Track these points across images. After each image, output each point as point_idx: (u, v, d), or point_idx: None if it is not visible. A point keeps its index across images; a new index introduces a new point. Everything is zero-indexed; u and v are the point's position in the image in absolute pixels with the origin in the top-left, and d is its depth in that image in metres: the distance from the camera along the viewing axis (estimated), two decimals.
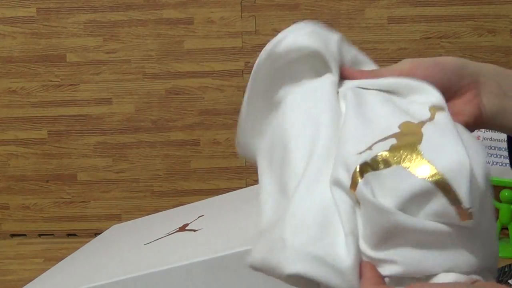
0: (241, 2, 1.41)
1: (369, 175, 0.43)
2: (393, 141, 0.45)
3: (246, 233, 0.80)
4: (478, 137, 1.32)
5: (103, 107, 1.46)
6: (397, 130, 0.46)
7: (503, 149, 1.30)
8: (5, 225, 1.51)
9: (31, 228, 1.51)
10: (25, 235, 1.51)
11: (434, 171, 0.41)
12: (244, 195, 1.08)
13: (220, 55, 1.43)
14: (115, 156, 1.48)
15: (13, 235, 1.51)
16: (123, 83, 1.45)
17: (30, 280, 1.05)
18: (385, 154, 0.43)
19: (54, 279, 0.99)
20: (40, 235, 1.51)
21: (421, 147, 0.43)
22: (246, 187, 1.41)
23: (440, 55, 0.54)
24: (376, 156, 0.43)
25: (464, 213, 0.41)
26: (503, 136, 1.21)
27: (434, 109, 0.47)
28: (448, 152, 0.42)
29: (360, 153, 0.44)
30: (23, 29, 1.42)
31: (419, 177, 0.42)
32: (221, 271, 0.77)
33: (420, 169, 0.42)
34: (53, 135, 1.47)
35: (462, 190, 0.41)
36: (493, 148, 1.31)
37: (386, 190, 0.42)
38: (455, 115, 0.49)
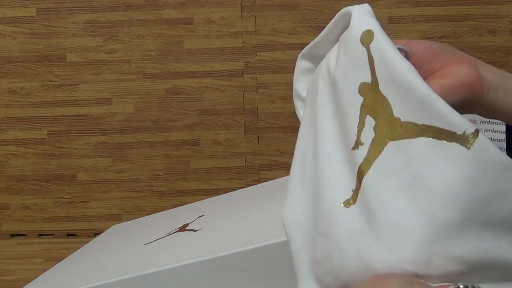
0: (241, 2, 1.41)
1: None
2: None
3: (246, 233, 0.80)
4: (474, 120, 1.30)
5: (103, 107, 1.46)
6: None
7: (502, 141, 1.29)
8: (5, 225, 1.51)
9: (31, 228, 1.51)
10: (25, 235, 1.51)
11: None
12: (244, 195, 1.08)
13: (220, 55, 1.43)
14: (115, 156, 1.48)
15: (13, 235, 1.51)
16: (123, 83, 1.44)
17: (30, 280, 1.05)
18: None
19: (54, 279, 0.99)
20: (40, 235, 1.50)
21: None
22: (246, 187, 1.40)
23: None
24: None
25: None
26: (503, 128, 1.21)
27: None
28: None
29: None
30: (23, 29, 1.42)
31: None
32: (221, 271, 0.77)
33: None
34: (53, 135, 1.47)
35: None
36: (492, 140, 1.31)
37: None
38: (447, 76, 0.44)
